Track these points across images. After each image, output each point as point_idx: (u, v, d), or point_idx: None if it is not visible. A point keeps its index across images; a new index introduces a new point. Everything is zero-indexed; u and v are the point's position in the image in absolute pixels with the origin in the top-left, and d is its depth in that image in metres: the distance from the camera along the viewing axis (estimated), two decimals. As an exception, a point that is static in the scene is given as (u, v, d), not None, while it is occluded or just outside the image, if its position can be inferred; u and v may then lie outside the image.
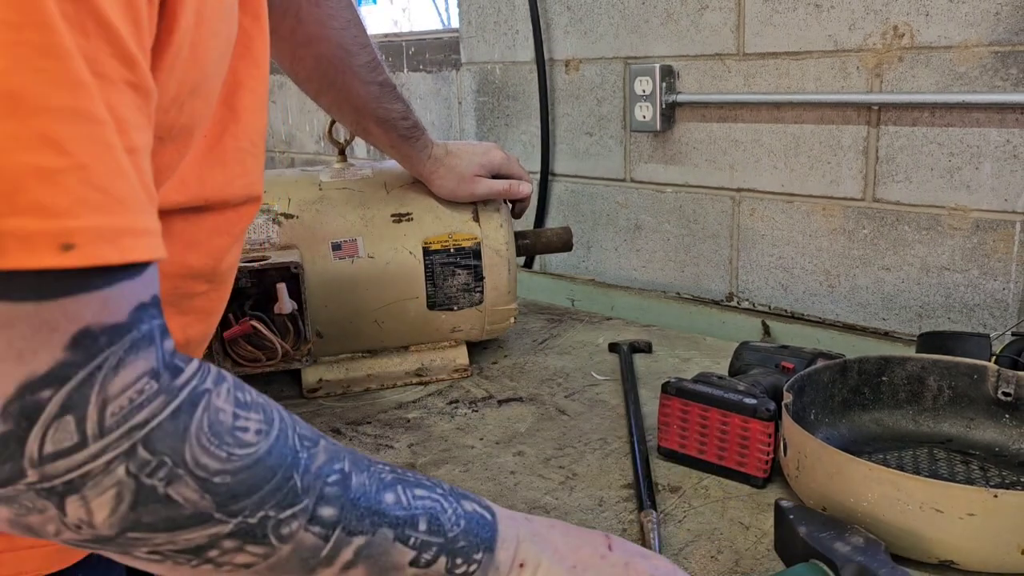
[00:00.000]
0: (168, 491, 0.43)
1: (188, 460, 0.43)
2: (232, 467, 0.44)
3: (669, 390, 0.94)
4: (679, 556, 0.78)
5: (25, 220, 0.37)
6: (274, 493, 0.46)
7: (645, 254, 1.60)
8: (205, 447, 0.44)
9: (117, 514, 0.42)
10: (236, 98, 0.66)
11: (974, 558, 0.72)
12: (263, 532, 0.45)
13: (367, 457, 0.52)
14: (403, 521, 0.50)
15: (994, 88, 1.14)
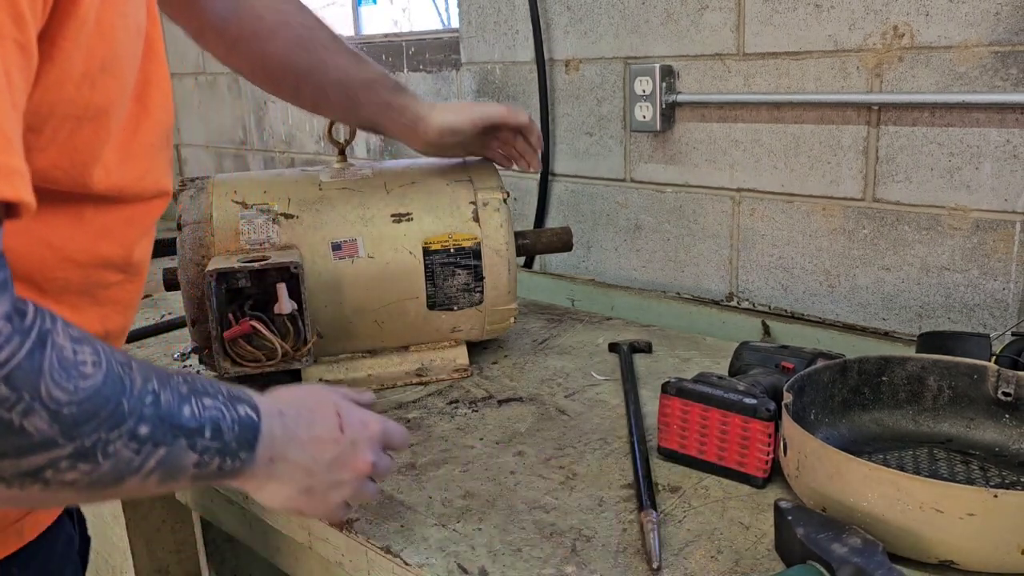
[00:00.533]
0: (23, 423, 0.46)
1: (43, 394, 0.47)
2: (77, 398, 0.49)
3: (669, 390, 0.94)
4: (679, 556, 0.78)
5: None
6: (108, 418, 0.51)
7: (645, 254, 1.60)
8: (57, 382, 0.48)
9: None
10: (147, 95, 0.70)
11: (974, 558, 0.72)
12: (93, 452, 0.51)
13: (163, 370, 0.58)
14: (195, 431, 0.57)
15: (994, 88, 1.14)
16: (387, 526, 0.86)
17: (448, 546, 0.82)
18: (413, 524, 0.86)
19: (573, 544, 0.81)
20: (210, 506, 1.12)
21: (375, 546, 0.83)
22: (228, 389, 0.62)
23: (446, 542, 0.83)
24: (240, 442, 0.61)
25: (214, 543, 1.36)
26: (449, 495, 0.91)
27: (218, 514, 1.11)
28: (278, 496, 0.68)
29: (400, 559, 0.81)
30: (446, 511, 0.88)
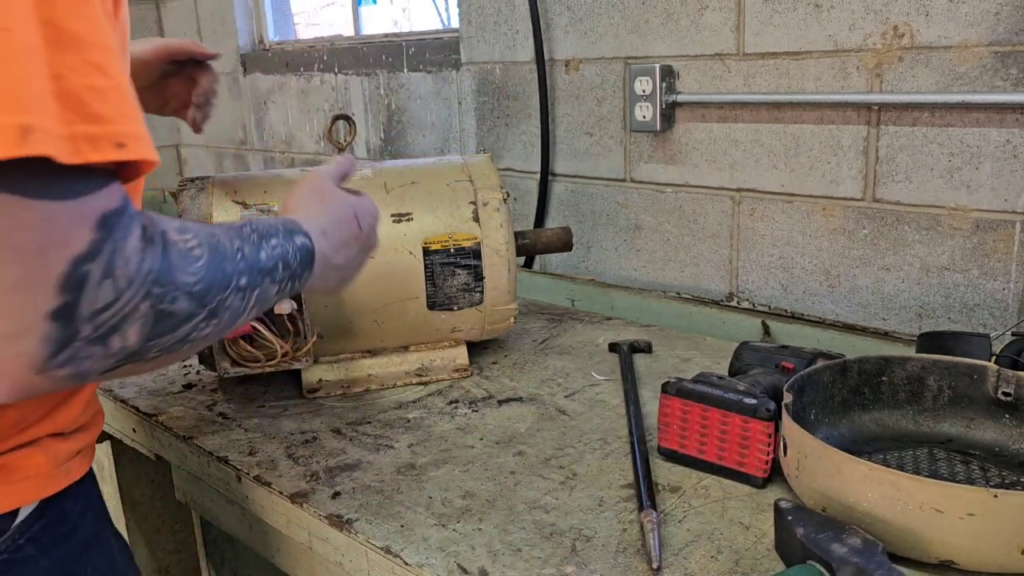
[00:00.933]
0: (172, 308, 0.58)
1: (179, 283, 0.59)
2: (199, 277, 0.61)
3: (669, 390, 0.94)
4: (679, 556, 0.78)
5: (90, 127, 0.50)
6: (220, 282, 0.63)
7: (645, 254, 1.60)
8: (184, 270, 0.59)
9: (143, 334, 0.57)
10: None
11: (974, 558, 0.72)
12: (217, 310, 0.63)
13: (235, 225, 0.71)
14: (272, 269, 0.71)
15: (994, 88, 1.14)
16: (387, 526, 0.86)
17: (448, 546, 0.82)
18: (413, 524, 0.86)
19: (573, 544, 0.81)
20: (210, 506, 1.12)
21: (375, 546, 0.83)
22: (283, 224, 0.76)
23: (446, 542, 0.82)
24: (302, 265, 0.76)
25: (214, 543, 1.36)
26: (449, 495, 0.91)
27: (218, 514, 1.11)
28: (328, 286, 0.86)
29: (400, 559, 0.81)
30: (446, 511, 0.88)
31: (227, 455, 1.02)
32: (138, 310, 0.55)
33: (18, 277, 0.49)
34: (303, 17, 3.12)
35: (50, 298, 0.50)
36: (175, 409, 1.16)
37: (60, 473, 0.75)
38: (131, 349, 0.57)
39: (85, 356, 0.53)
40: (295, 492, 0.93)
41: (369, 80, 2.16)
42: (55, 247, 0.50)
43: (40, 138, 0.48)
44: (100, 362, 0.55)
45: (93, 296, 0.52)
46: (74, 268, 0.51)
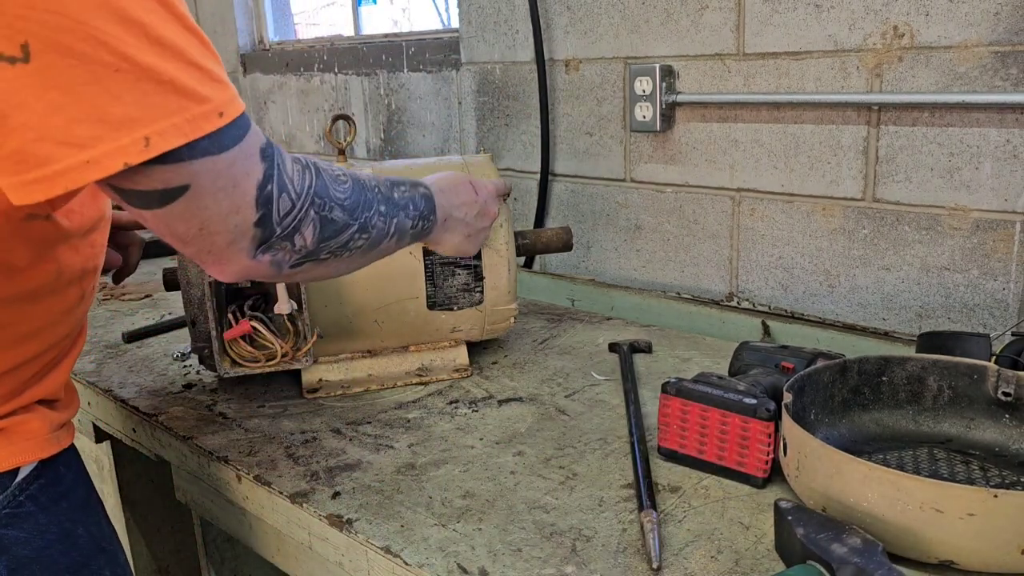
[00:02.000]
0: (332, 216, 0.77)
1: (334, 196, 0.77)
2: (348, 195, 0.79)
3: (669, 390, 0.94)
4: (679, 556, 0.78)
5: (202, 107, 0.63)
6: (366, 204, 0.82)
7: (645, 254, 1.60)
8: (336, 188, 0.78)
9: (315, 235, 0.75)
10: None
11: (974, 558, 0.72)
12: (366, 225, 0.82)
13: (370, 174, 0.88)
14: (404, 206, 0.89)
15: (994, 88, 1.14)
16: (387, 526, 0.86)
17: (448, 546, 0.82)
18: (413, 524, 0.86)
19: (573, 544, 0.81)
20: (210, 506, 1.12)
21: (375, 546, 0.83)
22: (408, 180, 0.94)
23: (446, 542, 0.82)
24: (428, 209, 0.94)
25: (214, 543, 1.36)
26: (449, 495, 0.91)
27: (218, 514, 1.11)
28: (451, 243, 1.04)
29: (400, 559, 0.81)
30: (446, 511, 0.88)
31: (227, 455, 1.02)
32: (308, 215, 0.74)
33: (230, 205, 0.67)
34: (303, 17, 3.12)
35: (253, 213, 0.69)
36: (175, 409, 1.16)
37: (53, 439, 0.83)
38: (308, 247, 0.75)
39: (279, 248, 0.73)
40: (295, 492, 0.93)
41: (369, 80, 2.16)
42: (243, 180, 0.67)
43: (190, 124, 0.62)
44: (289, 255, 0.74)
45: (278, 206, 0.70)
46: (260, 190, 0.68)
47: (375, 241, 0.84)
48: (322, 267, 0.80)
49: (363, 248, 0.83)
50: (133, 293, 1.77)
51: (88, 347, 1.44)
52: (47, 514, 0.81)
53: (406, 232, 0.90)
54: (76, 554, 0.84)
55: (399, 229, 0.88)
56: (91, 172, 0.59)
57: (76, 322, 0.86)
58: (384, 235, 0.85)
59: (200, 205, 0.65)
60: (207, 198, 0.65)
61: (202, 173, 0.64)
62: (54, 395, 0.85)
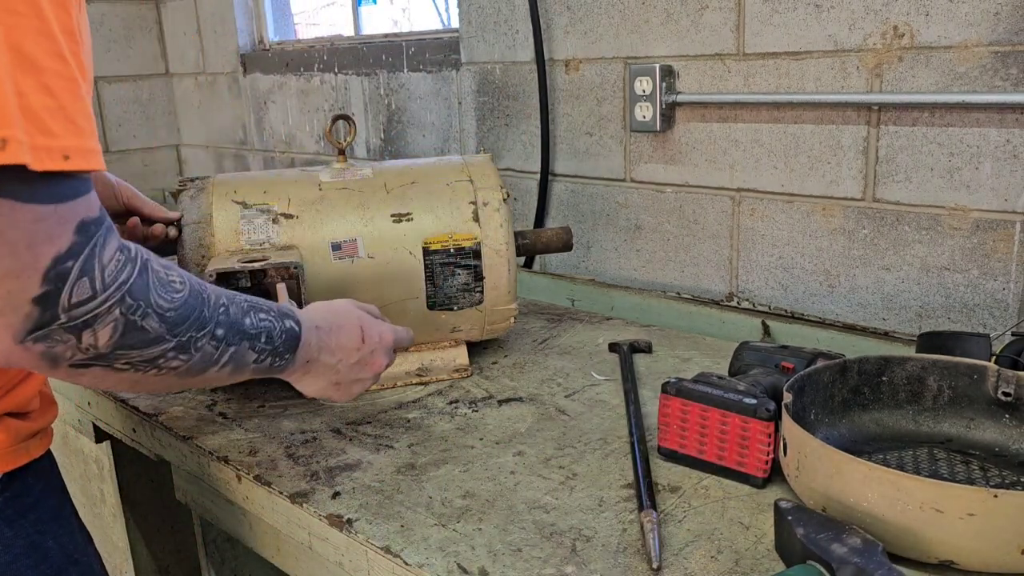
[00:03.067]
0: (143, 324, 0.67)
1: (152, 303, 0.68)
2: (174, 306, 0.70)
3: (669, 390, 0.94)
4: (679, 556, 0.78)
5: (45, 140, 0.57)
6: (195, 321, 0.72)
7: (645, 254, 1.60)
8: (160, 294, 0.68)
9: (113, 339, 0.65)
10: None
11: (974, 558, 0.72)
12: (188, 346, 0.72)
13: (230, 291, 0.79)
14: (254, 336, 0.79)
15: (994, 88, 1.14)
16: (387, 526, 0.86)
17: (448, 546, 0.82)
18: (413, 524, 0.86)
19: (573, 544, 0.81)
20: (210, 506, 1.12)
21: (375, 546, 0.83)
22: (279, 307, 0.84)
23: (446, 542, 0.82)
24: (286, 347, 0.83)
25: (214, 543, 1.36)
26: (449, 495, 0.91)
27: (218, 514, 1.11)
28: (312, 387, 0.91)
29: (400, 559, 0.81)
30: (446, 511, 0.88)
31: (227, 455, 1.02)
32: (110, 313, 0.64)
33: (10, 266, 0.58)
34: (303, 17, 3.12)
35: (36, 286, 0.60)
36: (175, 409, 1.16)
37: (21, 450, 0.81)
38: (100, 350, 0.65)
39: (59, 340, 0.63)
40: (295, 492, 0.93)
41: (369, 80, 2.16)
42: (41, 244, 0.59)
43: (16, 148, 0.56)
44: (71, 351, 0.64)
45: (71, 290, 0.61)
46: (56, 263, 0.60)
47: (198, 366, 0.74)
48: (115, 376, 0.69)
49: (179, 371, 0.73)
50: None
51: (88, 347, 1.44)
52: (13, 527, 0.80)
53: (246, 365, 0.80)
54: (46, 567, 0.83)
55: (236, 359, 0.78)
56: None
57: None
58: (211, 362, 0.75)
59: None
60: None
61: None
62: (23, 407, 0.82)
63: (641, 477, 0.90)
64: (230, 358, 0.77)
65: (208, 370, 0.75)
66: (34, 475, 0.83)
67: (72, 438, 1.51)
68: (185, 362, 0.72)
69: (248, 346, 0.78)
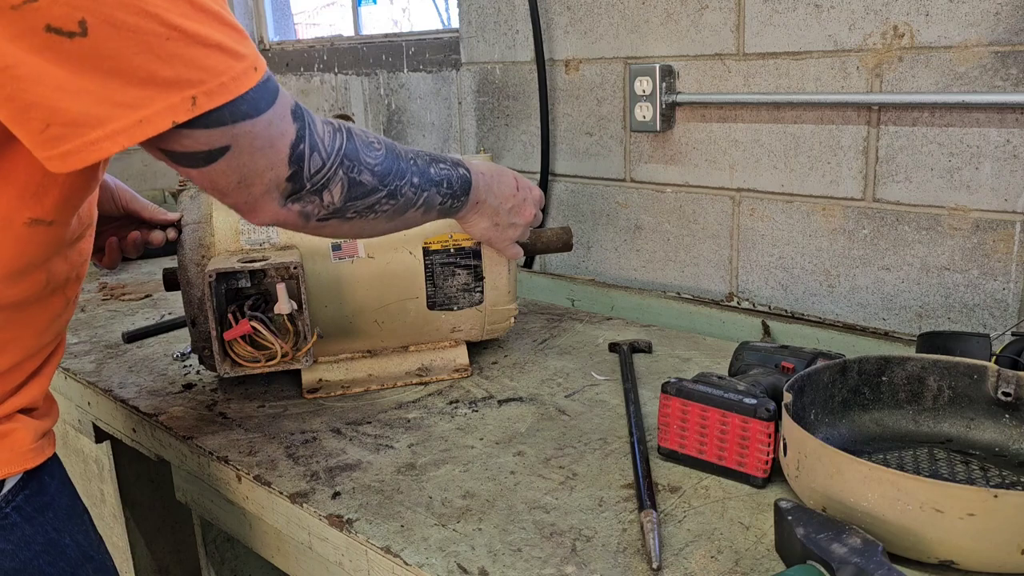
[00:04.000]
0: (361, 178, 0.85)
1: (363, 160, 0.85)
2: (379, 160, 0.87)
3: (669, 390, 0.94)
4: (679, 556, 0.78)
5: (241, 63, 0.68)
6: (398, 173, 0.90)
7: (645, 254, 1.60)
8: (368, 153, 0.86)
9: (343, 194, 0.84)
10: None
11: (974, 558, 0.72)
12: (395, 192, 0.90)
13: (413, 148, 0.95)
14: (438, 182, 0.98)
15: (994, 88, 1.14)
16: (387, 526, 0.86)
17: (448, 546, 0.82)
18: (413, 524, 0.86)
19: (573, 544, 0.81)
20: (210, 506, 1.12)
21: (375, 546, 0.83)
22: (452, 158, 1.02)
23: (446, 542, 0.82)
24: (462, 190, 1.02)
25: (214, 543, 1.36)
26: (449, 495, 0.91)
27: (218, 514, 1.11)
28: (478, 226, 1.11)
29: (400, 559, 0.81)
30: (446, 511, 0.88)
31: (227, 455, 1.02)
32: (337, 174, 0.81)
33: (265, 163, 0.74)
34: (303, 17, 3.12)
35: (286, 169, 0.76)
36: (175, 409, 1.16)
37: (38, 448, 0.83)
38: (336, 204, 0.83)
39: (308, 201, 0.81)
40: (295, 492, 0.93)
41: (369, 80, 2.16)
42: (278, 139, 0.74)
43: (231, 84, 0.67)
44: (317, 208, 0.82)
45: (308, 164, 0.78)
46: (293, 149, 0.76)
47: (401, 208, 0.92)
48: (347, 225, 0.87)
49: (389, 213, 0.91)
50: (133, 293, 1.77)
51: (88, 347, 1.44)
52: (32, 524, 0.81)
53: (434, 206, 0.98)
54: (63, 564, 0.84)
55: (428, 202, 0.96)
56: (143, 130, 0.64)
57: (59, 330, 0.86)
58: (411, 204, 0.93)
59: (239, 163, 0.72)
60: (245, 157, 0.72)
61: (241, 135, 0.71)
62: (35, 404, 0.84)
63: (641, 477, 0.90)
64: (424, 200, 0.95)
65: (409, 211, 0.93)
66: (49, 473, 0.84)
67: (72, 438, 1.51)
68: (395, 206, 0.90)
69: (436, 191, 0.96)
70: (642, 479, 0.89)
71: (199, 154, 0.71)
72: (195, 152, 0.70)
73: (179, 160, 0.72)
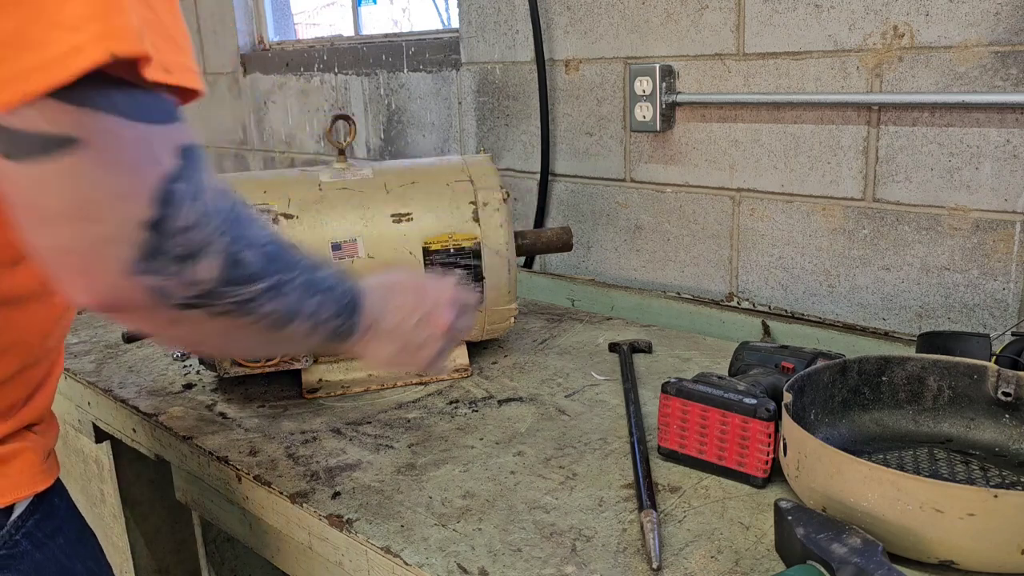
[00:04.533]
0: (244, 256, 0.62)
1: (251, 235, 0.63)
2: (269, 240, 0.66)
3: (669, 390, 0.94)
4: (679, 556, 0.78)
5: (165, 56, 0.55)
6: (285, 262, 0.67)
7: (645, 254, 1.60)
8: (255, 228, 0.64)
9: (217, 273, 0.60)
10: None
11: (974, 558, 0.72)
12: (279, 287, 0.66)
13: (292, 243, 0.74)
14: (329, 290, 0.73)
15: (994, 88, 1.14)
16: (387, 526, 0.86)
17: (448, 546, 0.82)
18: (413, 524, 0.86)
19: (573, 544, 0.81)
20: (210, 506, 1.12)
21: (375, 546, 0.83)
22: (336, 267, 0.80)
23: (446, 542, 0.82)
24: (348, 309, 0.76)
25: (214, 543, 1.36)
26: (449, 495, 0.91)
27: (218, 514, 1.11)
28: (380, 354, 0.84)
29: (400, 559, 0.81)
30: (446, 511, 0.88)
31: (227, 455, 1.02)
32: (216, 243, 0.60)
33: (121, 188, 0.54)
34: (303, 17, 3.12)
35: (146, 209, 0.55)
36: (175, 409, 1.16)
37: (47, 468, 0.78)
38: (205, 285, 0.60)
39: (169, 272, 0.58)
40: (295, 492, 0.93)
41: (369, 80, 2.16)
42: (150, 164, 0.55)
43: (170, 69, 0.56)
44: (178, 287, 0.59)
45: (181, 214, 0.57)
46: (165, 184, 0.56)
47: (284, 317, 0.68)
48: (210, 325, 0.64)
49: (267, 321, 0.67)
50: (133, 293, 1.77)
51: (88, 347, 1.44)
52: (43, 551, 0.76)
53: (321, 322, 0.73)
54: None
55: (315, 316, 0.72)
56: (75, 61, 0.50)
57: (60, 334, 0.81)
58: (296, 314, 0.69)
59: (86, 172, 0.53)
60: (98, 167, 0.53)
61: (103, 132, 0.53)
62: (40, 419, 0.80)
63: (641, 477, 0.90)
64: (312, 312, 0.72)
65: (293, 321, 0.70)
66: (58, 495, 0.80)
67: (72, 438, 1.51)
68: (276, 311, 0.67)
69: (324, 299, 0.73)
70: (642, 479, 0.89)
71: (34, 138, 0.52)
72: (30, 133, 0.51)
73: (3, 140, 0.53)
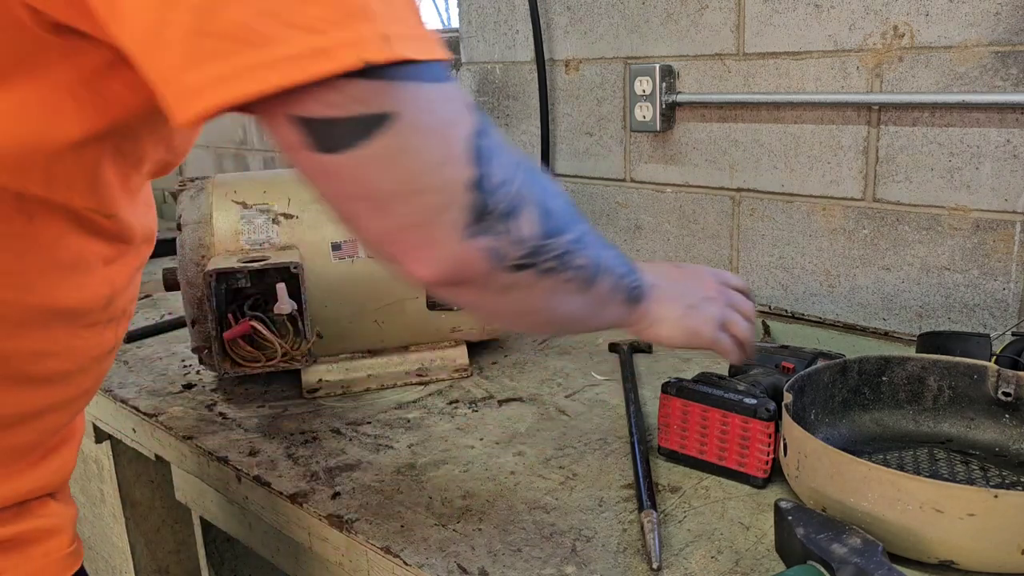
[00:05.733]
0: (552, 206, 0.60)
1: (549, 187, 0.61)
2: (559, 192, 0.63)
3: (669, 390, 0.94)
4: (679, 556, 0.78)
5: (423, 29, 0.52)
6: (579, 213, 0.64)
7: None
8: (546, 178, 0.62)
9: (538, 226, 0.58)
10: None
11: (974, 558, 0.72)
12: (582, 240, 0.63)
13: None
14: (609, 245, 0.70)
15: (994, 88, 1.14)
16: (387, 526, 0.86)
17: (448, 546, 0.82)
18: (413, 524, 0.86)
19: (573, 544, 0.81)
20: (210, 506, 1.12)
21: (375, 546, 0.83)
22: None
23: (446, 542, 0.82)
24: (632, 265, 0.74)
25: (214, 543, 1.36)
26: (449, 495, 0.91)
27: (218, 514, 1.11)
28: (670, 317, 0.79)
29: (400, 559, 0.81)
30: (446, 511, 0.88)
31: (227, 455, 1.02)
32: (527, 195, 0.58)
33: (441, 152, 0.52)
34: (303, 17, 3.11)
35: (466, 168, 0.53)
36: (175, 409, 1.16)
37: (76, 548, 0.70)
38: (530, 241, 0.58)
39: (499, 231, 0.56)
40: (295, 492, 0.93)
41: (369, 80, 2.15)
42: (456, 124, 0.53)
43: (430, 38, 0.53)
44: (510, 246, 0.57)
45: (493, 170, 0.55)
46: (474, 141, 0.54)
47: (592, 271, 0.65)
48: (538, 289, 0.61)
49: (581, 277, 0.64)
50: (133, 293, 1.77)
51: (88, 347, 1.44)
52: None
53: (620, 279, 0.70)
54: None
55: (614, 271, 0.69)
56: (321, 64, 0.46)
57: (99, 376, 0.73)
58: (599, 267, 0.66)
59: (408, 144, 0.51)
60: (415, 135, 0.51)
61: (409, 100, 0.50)
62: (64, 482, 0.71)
63: (641, 477, 0.90)
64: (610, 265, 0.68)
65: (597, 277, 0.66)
66: None
67: (72, 438, 1.51)
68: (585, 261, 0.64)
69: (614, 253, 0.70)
70: (642, 479, 0.89)
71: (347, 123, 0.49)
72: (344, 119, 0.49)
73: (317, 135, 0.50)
